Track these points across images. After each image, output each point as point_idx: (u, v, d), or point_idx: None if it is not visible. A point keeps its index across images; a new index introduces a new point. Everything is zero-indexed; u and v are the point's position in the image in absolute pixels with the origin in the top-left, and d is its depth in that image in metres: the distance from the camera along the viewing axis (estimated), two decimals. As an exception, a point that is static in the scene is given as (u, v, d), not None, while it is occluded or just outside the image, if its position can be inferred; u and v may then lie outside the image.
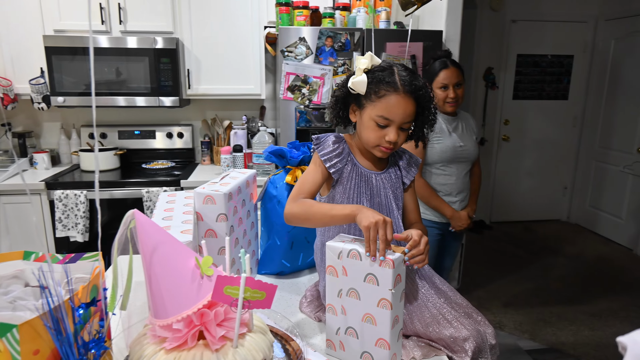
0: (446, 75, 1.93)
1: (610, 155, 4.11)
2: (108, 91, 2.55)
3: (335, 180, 1.12)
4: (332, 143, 1.12)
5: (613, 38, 4.04)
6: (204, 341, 0.66)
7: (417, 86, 1.04)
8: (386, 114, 1.04)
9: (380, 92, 1.04)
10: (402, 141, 1.09)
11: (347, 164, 1.13)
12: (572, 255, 3.81)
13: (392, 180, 1.16)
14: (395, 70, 1.05)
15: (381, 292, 0.89)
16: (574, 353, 2.47)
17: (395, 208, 1.14)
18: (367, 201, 1.12)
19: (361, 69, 1.07)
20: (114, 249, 0.67)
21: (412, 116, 1.06)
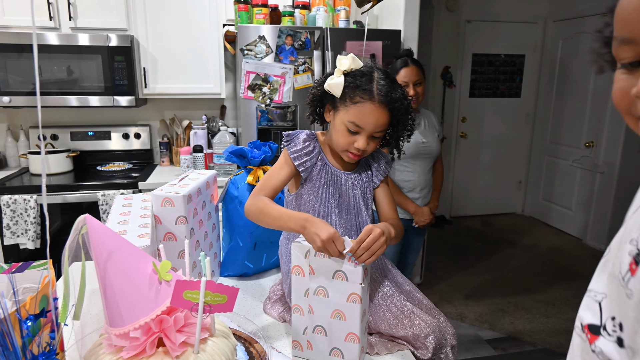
0: (406, 73, 1.97)
1: (560, 150, 4.32)
2: (59, 90, 2.43)
3: (304, 179, 1.11)
4: (302, 141, 1.10)
5: (561, 38, 4.24)
6: (163, 348, 0.64)
7: (394, 97, 1.01)
8: (358, 121, 1.02)
9: (355, 98, 1.01)
10: (372, 149, 1.06)
11: (317, 162, 1.11)
12: (527, 246, 3.97)
13: (362, 180, 1.14)
14: (375, 76, 1.02)
15: (351, 287, 0.90)
16: (530, 340, 2.58)
17: (364, 209, 1.14)
18: (334, 201, 1.11)
19: (341, 71, 1.04)
20: (65, 256, 0.64)
21: (384, 126, 1.04)
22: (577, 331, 0.57)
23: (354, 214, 1.13)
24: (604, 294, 0.53)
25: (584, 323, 0.55)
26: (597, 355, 0.51)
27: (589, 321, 0.54)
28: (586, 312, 0.55)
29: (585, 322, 0.55)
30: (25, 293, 0.66)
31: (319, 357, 0.96)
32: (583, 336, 0.55)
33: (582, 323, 0.55)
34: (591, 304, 0.55)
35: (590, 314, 0.54)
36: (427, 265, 3.41)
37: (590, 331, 0.53)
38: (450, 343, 1.07)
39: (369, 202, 1.15)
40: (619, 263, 0.50)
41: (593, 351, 0.52)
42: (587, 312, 0.55)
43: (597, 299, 0.54)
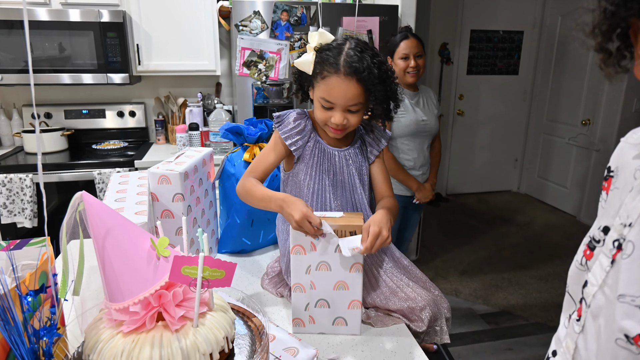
0: (407, 46, 1.96)
1: (557, 128, 4.32)
2: (51, 68, 2.40)
3: (297, 157, 1.11)
4: (293, 120, 1.09)
5: (560, 14, 4.18)
6: (163, 322, 0.65)
7: (359, 68, 0.97)
8: (327, 96, 1.00)
9: (323, 73, 1.00)
10: (355, 122, 1.04)
11: (310, 140, 1.10)
12: (522, 223, 4.01)
13: (357, 156, 1.13)
14: (344, 49, 0.99)
15: (353, 258, 0.93)
16: (523, 314, 2.63)
17: (359, 185, 1.13)
18: (329, 179, 1.11)
19: (311, 47, 1.03)
20: (62, 233, 0.64)
21: (357, 99, 1.00)
22: (620, 344, 0.51)
23: (350, 191, 1.12)
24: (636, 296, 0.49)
25: (631, 334, 0.50)
26: None
27: (639, 331, 0.49)
28: (628, 321, 0.50)
29: (635, 332, 0.49)
30: (24, 270, 0.66)
31: (322, 329, 0.99)
32: (634, 348, 0.49)
33: (629, 335, 0.50)
34: (631, 311, 0.50)
35: (634, 323, 0.49)
36: (423, 242, 3.44)
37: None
38: (444, 316, 1.10)
39: (364, 178, 1.15)
40: None
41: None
42: (629, 321, 0.50)
43: (637, 304, 0.50)
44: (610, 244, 0.56)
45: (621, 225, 0.55)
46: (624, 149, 0.61)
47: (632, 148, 0.59)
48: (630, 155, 0.59)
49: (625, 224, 0.54)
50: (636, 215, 0.53)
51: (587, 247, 0.63)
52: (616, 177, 0.61)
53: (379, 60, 1.01)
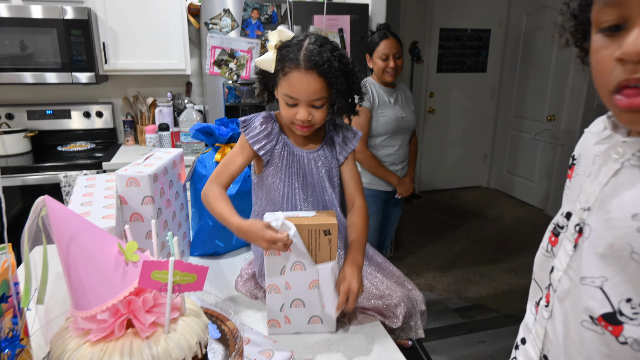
0: (386, 45, 1.97)
1: (524, 124, 4.44)
2: (12, 67, 2.30)
3: (267, 161, 1.10)
4: (259, 124, 1.08)
5: (525, 13, 4.30)
6: (133, 330, 0.63)
7: (318, 61, 0.97)
8: (290, 92, 1.00)
9: (284, 69, 1.00)
10: (320, 118, 1.03)
11: (278, 143, 1.09)
12: (492, 218, 4.11)
13: (327, 158, 1.13)
14: (304, 44, 0.99)
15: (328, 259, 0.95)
16: (495, 307, 2.70)
17: (329, 186, 1.13)
18: (298, 181, 1.10)
19: (271, 45, 1.03)
20: (24, 239, 0.61)
21: (320, 93, 1.00)
22: (586, 325, 0.52)
23: (320, 192, 1.12)
24: (603, 278, 0.50)
25: (595, 315, 0.51)
26: (631, 345, 0.48)
27: (601, 311, 0.50)
28: (591, 302, 0.51)
29: (598, 313, 0.50)
30: (-17, 279, 0.63)
31: (298, 329, 0.98)
32: (599, 329, 0.51)
33: (593, 315, 0.51)
34: (593, 292, 0.51)
35: (596, 303, 0.51)
36: (397, 239, 3.48)
37: (607, 322, 0.50)
38: (419, 309, 1.11)
39: (334, 179, 1.14)
40: (624, 242, 0.48)
41: (624, 343, 0.48)
42: (592, 302, 0.51)
43: (597, 285, 0.51)
44: (572, 228, 0.58)
45: (581, 210, 0.56)
46: (587, 138, 0.64)
47: (593, 137, 0.61)
48: (591, 142, 0.61)
49: (584, 208, 0.56)
50: (593, 199, 0.54)
51: (551, 234, 0.65)
52: (578, 164, 0.63)
53: (339, 53, 1.02)
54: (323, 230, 0.92)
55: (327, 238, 0.93)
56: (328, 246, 0.93)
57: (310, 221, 0.93)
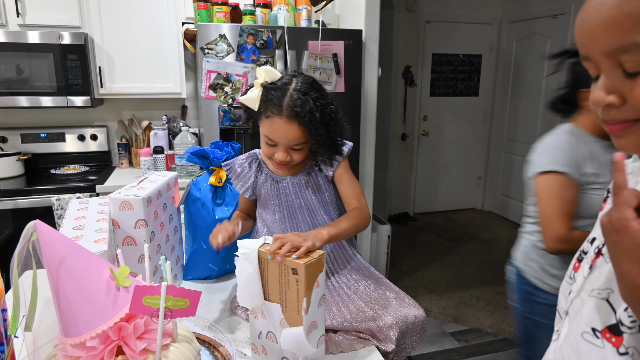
0: None
1: (517, 147, 4.48)
2: (7, 90, 2.31)
3: (253, 196, 1.18)
4: (238, 166, 1.17)
5: (515, 39, 4.40)
6: (123, 357, 0.62)
7: (300, 112, 0.99)
8: (270, 135, 1.04)
9: (267, 112, 1.03)
10: (298, 158, 1.07)
11: (259, 177, 1.16)
12: (487, 240, 4.10)
13: (312, 178, 1.15)
14: (290, 89, 1.01)
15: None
16: (492, 331, 2.67)
17: (319, 206, 1.15)
18: (286, 210, 1.15)
19: (258, 83, 1.05)
20: (14, 264, 0.60)
21: (299, 139, 1.03)
22: (586, 338, 0.53)
23: (310, 215, 1.15)
24: (609, 290, 0.51)
25: (600, 327, 0.51)
26: (632, 355, 0.48)
27: (607, 323, 0.50)
28: (596, 315, 0.52)
29: (603, 325, 0.50)
30: (-30, 305, 0.62)
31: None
32: (599, 342, 0.51)
33: (597, 328, 0.51)
34: (599, 304, 0.52)
35: (601, 316, 0.51)
36: (392, 261, 3.46)
37: (612, 333, 0.50)
38: (418, 324, 1.10)
39: (324, 197, 1.15)
40: None
41: (625, 353, 0.48)
42: (596, 315, 0.51)
43: (603, 296, 0.51)
44: (592, 251, 0.59)
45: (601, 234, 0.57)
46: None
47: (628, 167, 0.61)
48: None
49: None
50: None
51: (576, 260, 0.65)
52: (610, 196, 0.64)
53: (322, 103, 1.03)
54: (291, 267, 0.85)
55: (295, 278, 0.85)
56: (295, 287, 0.85)
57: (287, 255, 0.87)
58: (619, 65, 0.47)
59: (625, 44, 0.44)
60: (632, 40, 0.44)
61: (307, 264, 0.83)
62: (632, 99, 0.46)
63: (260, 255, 0.89)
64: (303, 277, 0.83)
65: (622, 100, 0.47)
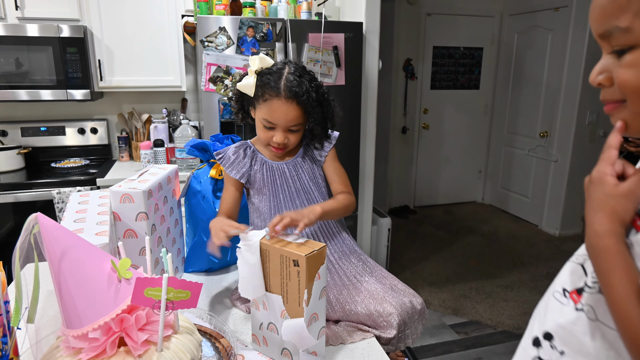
0: None
1: (517, 140, 4.48)
2: (7, 84, 2.30)
3: (248, 182, 1.18)
4: (232, 153, 1.17)
5: (516, 32, 4.38)
6: (125, 348, 0.63)
7: (298, 92, 1.05)
8: (269, 117, 1.08)
9: (265, 95, 1.07)
10: (294, 140, 1.13)
11: (255, 164, 1.17)
12: (487, 233, 4.11)
13: (307, 162, 1.20)
14: (284, 73, 1.07)
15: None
16: (491, 323, 2.68)
17: (315, 189, 1.19)
18: (282, 193, 1.16)
19: (252, 71, 1.10)
20: (15, 257, 0.61)
21: (297, 120, 1.09)
22: (556, 296, 0.58)
23: (307, 199, 1.18)
24: (586, 255, 0.55)
25: (569, 288, 0.56)
26: (586, 313, 0.52)
27: (577, 286, 0.55)
28: (569, 277, 0.57)
29: (573, 287, 0.56)
30: (-27, 297, 0.62)
31: (271, 355, 0.95)
32: (565, 300, 0.56)
33: (566, 288, 0.56)
34: (575, 268, 0.57)
35: (572, 279, 0.56)
36: (392, 254, 3.47)
37: (578, 294, 0.55)
38: (416, 308, 1.12)
39: (319, 181, 1.21)
40: None
41: (581, 310, 0.53)
42: (569, 277, 0.57)
43: (579, 261, 0.56)
44: None
45: None
46: None
47: None
48: None
49: None
50: None
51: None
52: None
53: (316, 84, 1.10)
54: (292, 259, 0.85)
55: (296, 269, 0.85)
56: (297, 278, 0.85)
57: (286, 246, 0.87)
58: (610, 47, 0.51)
59: (609, 27, 0.49)
60: (614, 24, 0.49)
61: (309, 255, 0.83)
62: (616, 80, 0.51)
63: (262, 247, 0.90)
64: (304, 269, 0.83)
65: (611, 82, 0.52)
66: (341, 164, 1.25)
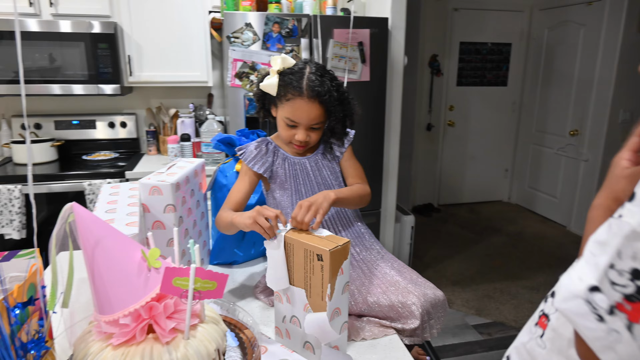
0: None
1: (546, 139, 4.37)
2: (41, 79, 2.38)
3: (270, 177, 1.20)
4: (254, 148, 1.20)
5: (546, 27, 4.26)
6: (153, 335, 0.64)
7: (321, 91, 1.07)
8: (292, 116, 1.11)
9: (287, 95, 1.10)
10: (315, 138, 1.15)
11: (277, 159, 1.20)
12: (513, 233, 4.03)
13: (327, 158, 1.22)
14: (306, 72, 1.09)
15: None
16: (515, 325, 2.64)
17: (336, 184, 1.22)
18: (304, 188, 1.18)
19: (274, 70, 1.12)
20: (52, 244, 0.63)
21: (319, 118, 1.11)
22: None
23: None
24: None
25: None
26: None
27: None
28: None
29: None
30: (12, 282, 0.65)
31: (294, 348, 0.95)
32: None
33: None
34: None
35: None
36: (415, 252, 3.44)
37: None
38: (438, 300, 1.13)
39: (338, 176, 1.23)
40: None
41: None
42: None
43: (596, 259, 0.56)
44: None
45: None
46: None
47: None
48: None
49: None
50: None
51: None
52: None
53: (337, 83, 1.12)
54: (317, 254, 0.86)
55: (320, 264, 0.85)
56: (320, 273, 0.86)
57: (310, 241, 0.88)
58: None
59: None
60: None
61: (332, 250, 0.84)
62: None
63: (287, 240, 0.91)
64: (328, 264, 0.84)
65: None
66: (363, 161, 1.27)
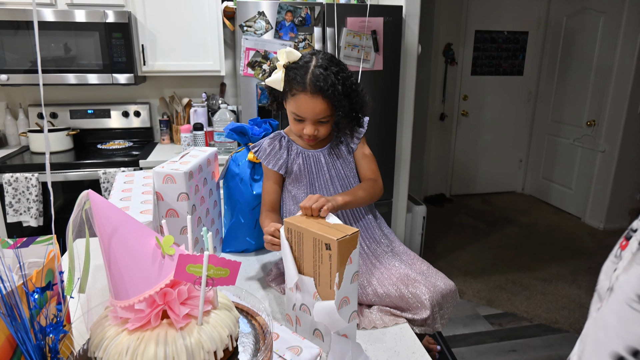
0: None
1: (562, 129, 4.30)
2: (56, 68, 2.41)
3: (285, 172, 1.21)
4: (267, 145, 1.21)
5: (565, 15, 4.17)
6: (167, 320, 0.66)
7: (323, 86, 1.05)
8: (297, 111, 1.11)
9: (292, 90, 1.09)
10: (324, 132, 1.14)
11: (291, 154, 1.20)
12: (526, 225, 4.00)
13: (341, 150, 1.22)
14: (311, 67, 1.08)
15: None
16: (527, 316, 2.63)
17: (351, 175, 1.22)
18: (318, 181, 1.19)
19: (280, 65, 1.11)
20: (69, 231, 0.64)
21: (325, 112, 1.10)
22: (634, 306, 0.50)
23: (343, 185, 1.20)
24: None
25: None
26: None
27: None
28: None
29: None
30: (31, 267, 0.67)
31: (304, 334, 0.96)
32: None
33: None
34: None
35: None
36: (427, 243, 3.44)
37: None
38: (449, 290, 1.13)
39: (352, 166, 1.23)
40: None
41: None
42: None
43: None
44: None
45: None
46: None
47: None
48: None
49: None
50: None
51: (623, 238, 0.62)
52: None
53: (343, 75, 1.09)
54: (325, 243, 0.86)
55: (328, 253, 0.86)
56: (328, 262, 0.86)
57: (319, 230, 0.88)
58: None
59: None
60: None
61: (340, 240, 0.84)
62: None
63: (296, 229, 0.91)
64: (336, 253, 0.84)
65: None
66: (375, 150, 1.26)
